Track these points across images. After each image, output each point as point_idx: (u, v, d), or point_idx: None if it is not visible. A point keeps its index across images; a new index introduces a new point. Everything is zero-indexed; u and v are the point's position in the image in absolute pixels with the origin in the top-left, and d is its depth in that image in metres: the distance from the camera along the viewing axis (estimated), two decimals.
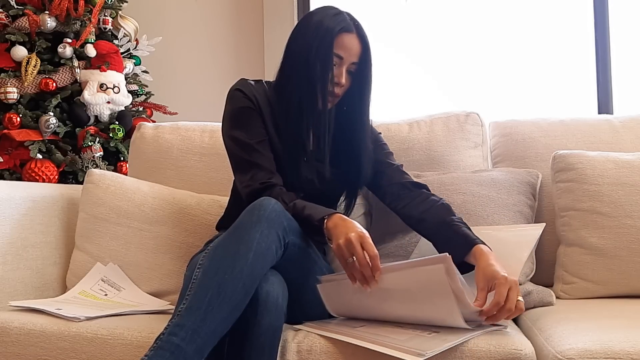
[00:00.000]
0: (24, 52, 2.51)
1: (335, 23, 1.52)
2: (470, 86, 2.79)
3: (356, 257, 1.30)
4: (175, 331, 1.16)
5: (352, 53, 1.53)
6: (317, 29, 1.52)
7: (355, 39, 1.53)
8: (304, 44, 1.53)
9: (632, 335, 1.18)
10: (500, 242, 1.53)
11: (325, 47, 1.50)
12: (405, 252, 1.65)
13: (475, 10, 2.83)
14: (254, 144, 1.54)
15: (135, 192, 1.83)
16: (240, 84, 1.61)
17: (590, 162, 1.70)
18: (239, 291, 1.21)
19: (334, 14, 1.54)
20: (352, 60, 1.54)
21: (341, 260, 1.32)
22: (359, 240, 1.30)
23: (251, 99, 1.58)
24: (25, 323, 1.48)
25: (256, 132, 1.56)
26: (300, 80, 1.53)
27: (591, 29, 2.64)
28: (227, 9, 2.98)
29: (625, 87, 2.64)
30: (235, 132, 1.57)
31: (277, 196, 1.44)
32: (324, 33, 1.51)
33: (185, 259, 1.70)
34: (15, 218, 1.76)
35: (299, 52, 1.54)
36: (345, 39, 1.52)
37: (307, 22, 1.56)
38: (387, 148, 1.71)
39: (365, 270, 1.29)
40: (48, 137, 2.51)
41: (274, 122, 1.58)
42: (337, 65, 1.53)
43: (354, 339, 1.25)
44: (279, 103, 1.59)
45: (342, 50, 1.52)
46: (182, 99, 2.93)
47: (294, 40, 1.57)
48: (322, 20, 1.53)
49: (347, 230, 1.32)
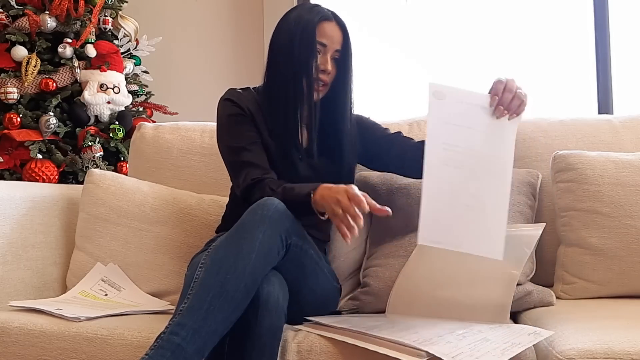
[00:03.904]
0: (24, 52, 2.52)
1: (314, 14, 1.58)
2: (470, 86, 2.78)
3: (342, 208, 1.30)
4: (176, 330, 1.16)
5: (335, 40, 1.58)
6: (297, 22, 1.58)
7: (335, 27, 1.59)
8: (287, 39, 1.58)
9: (632, 336, 1.18)
10: None
11: (308, 35, 1.55)
12: (405, 252, 1.65)
13: (475, 10, 2.83)
14: (245, 146, 1.56)
15: (135, 192, 1.83)
16: (228, 93, 1.65)
17: (591, 162, 1.70)
18: (241, 291, 1.21)
19: (311, 7, 1.62)
20: (335, 47, 1.59)
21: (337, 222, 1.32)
22: (345, 196, 1.31)
23: (240, 106, 1.61)
24: (25, 323, 1.47)
25: (247, 135, 1.59)
26: (287, 73, 1.57)
27: (591, 29, 2.64)
28: (227, 9, 2.98)
29: (625, 87, 2.64)
30: (227, 139, 1.61)
31: (265, 187, 1.47)
32: (305, 24, 1.56)
33: (185, 259, 1.70)
34: (15, 218, 1.76)
35: (283, 48, 1.59)
36: (327, 27, 1.57)
37: (286, 19, 1.62)
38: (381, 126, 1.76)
39: (350, 210, 1.29)
40: (48, 137, 2.52)
41: (266, 125, 1.61)
42: (322, 54, 1.58)
43: (354, 339, 1.25)
44: (269, 103, 1.61)
45: (325, 38, 1.57)
46: (182, 99, 2.93)
47: (276, 38, 1.62)
48: (300, 13, 1.60)
49: (334, 194, 1.33)
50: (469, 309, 1.44)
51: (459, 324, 1.34)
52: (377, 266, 1.67)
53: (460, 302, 1.46)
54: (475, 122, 1.29)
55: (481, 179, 1.30)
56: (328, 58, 1.58)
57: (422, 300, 1.53)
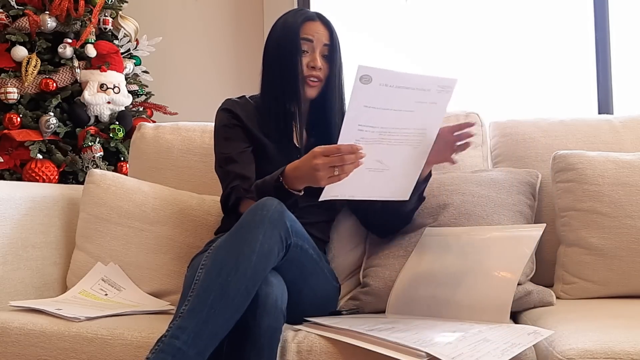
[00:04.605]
0: (24, 52, 2.52)
1: (298, 16, 1.64)
2: (470, 86, 2.79)
3: (324, 167, 1.32)
4: (177, 334, 1.16)
5: (320, 35, 1.63)
6: (283, 27, 1.65)
7: (319, 25, 1.64)
8: (274, 44, 1.66)
9: (632, 335, 1.18)
10: (500, 243, 1.53)
11: (292, 35, 1.61)
12: (405, 252, 1.65)
13: (475, 10, 2.83)
14: (233, 156, 1.62)
15: (136, 193, 1.83)
16: (224, 103, 1.71)
17: (591, 162, 1.70)
18: (242, 293, 1.21)
19: (296, 11, 1.68)
20: (323, 42, 1.63)
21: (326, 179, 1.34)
22: (320, 157, 1.32)
23: (235, 114, 1.66)
24: (25, 323, 1.47)
25: (235, 145, 1.64)
26: (277, 74, 1.63)
27: (591, 29, 2.64)
28: (227, 9, 2.98)
29: (625, 87, 2.64)
30: (217, 150, 1.67)
31: (239, 190, 1.54)
32: (290, 26, 1.63)
33: (186, 260, 1.70)
34: (15, 218, 1.76)
35: (271, 52, 1.66)
36: (311, 25, 1.63)
37: (274, 26, 1.69)
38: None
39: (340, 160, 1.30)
40: (48, 137, 2.52)
41: (264, 130, 1.65)
42: (310, 52, 1.62)
43: (354, 339, 1.25)
44: (265, 106, 1.66)
45: (310, 34, 1.62)
46: (182, 99, 2.93)
47: (267, 45, 1.69)
48: (286, 18, 1.66)
49: (305, 164, 1.35)
50: (468, 309, 1.44)
51: (458, 324, 1.34)
52: (377, 266, 1.67)
53: (460, 302, 1.46)
54: (397, 104, 1.34)
55: (394, 148, 1.39)
56: (317, 55, 1.62)
57: (422, 300, 1.53)
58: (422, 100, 1.36)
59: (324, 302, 1.56)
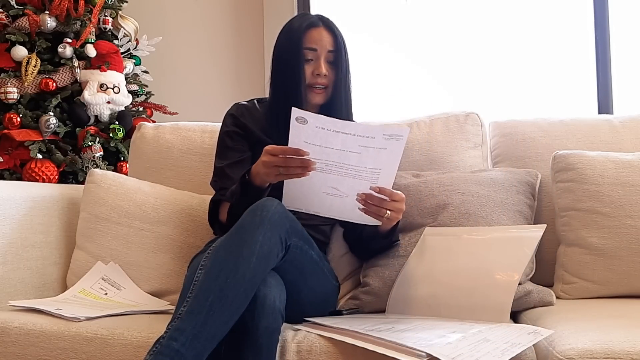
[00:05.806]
0: (24, 52, 2.52)
1: (301, 22, 1.64)
2: (470, 86, 2.79)
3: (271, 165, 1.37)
4: (175, 336, 1.16)
5: (325, 43, 1.63)
6: (287, 34, 1.66)
7: (323, 31, 1.64)
8: (280, 51, 1.66)
9: (632, 335, 1.18)
10: (501, 244, 1.53)
11: (296, 44, 1.61)
12: (405, 252, 1.65)
13: (475, 10, 2.83)
14: (224, 167, 1.66)
15: (136, 192, 1.83)
16: (231, 108, 1.74)
17: (590, 162, 1.70)
18: (241, 295, 1.21)
19: (301, 16, 1.68)
20: (327, 49, 1.63)
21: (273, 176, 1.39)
22: (266, 155, 1.38)
23: (238, 120, 1.70)
24: (25, 323, 1.47)
25: (230, 155, 1.68)
26: (282, 82, 1.64)
27: (591, 29, 2.64)
28: (227, 9, 2.98)
29: (625, 87, 2.64)
30: (216, 157, 1.71)
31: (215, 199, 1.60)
32: (293, 33, 1.63)
33: (186, 259, 1.70)
34: (15, 218, 1.76)
35: (277, 60, 1.67)
36: (314, 33, 1.63)
37: (281, 33, 1.69)
38: None
39: (283, 161, 1.36)
40: (48, 137, 2.52)
41: (270, 134, 1.65)
42: (315, 60, 1.62)
43: (354, 339, 1.25)
44: (272, 113, 1.67)
45: (314, 43, 1.62)
46: (182, 99, 2.93)
47: (274, 52, 1.70)
48: (290, 24, 1.67)
49: (260, 162, 1.41)
50: (468, 309, 1.44)
51: (458, 324, 1.34)
52: (377, 266, 1.67)
53: (460, 302, 1.46)
54: (338, 145, 1.35)
55: (347, 180, 1.41)
56: (322, 62, 1.62)
57: (422, 300, 1.53)
58: (368, 145, 1.35)
59: (324, 302, 1.56)
